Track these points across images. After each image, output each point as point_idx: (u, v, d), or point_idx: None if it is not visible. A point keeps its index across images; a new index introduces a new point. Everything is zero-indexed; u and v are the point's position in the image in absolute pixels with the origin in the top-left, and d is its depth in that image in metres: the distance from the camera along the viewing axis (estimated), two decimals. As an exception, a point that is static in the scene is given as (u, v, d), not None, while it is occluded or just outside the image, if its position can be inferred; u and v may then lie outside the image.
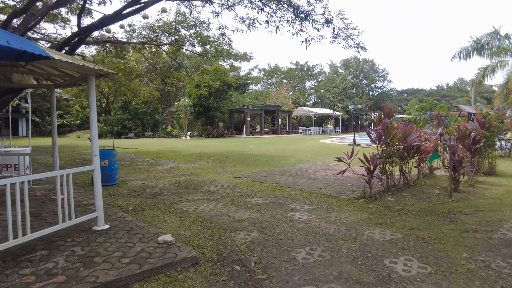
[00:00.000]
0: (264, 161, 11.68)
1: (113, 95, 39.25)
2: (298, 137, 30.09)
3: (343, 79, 48.93)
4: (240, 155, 13.89)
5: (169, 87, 34.82)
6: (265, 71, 47.87)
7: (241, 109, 32.70)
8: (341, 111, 45.18)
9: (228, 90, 31.47)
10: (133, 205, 5.49)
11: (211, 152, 15.18)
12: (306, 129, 40.73)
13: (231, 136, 32.12)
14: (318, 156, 12.99)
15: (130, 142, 26.07)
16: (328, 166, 10.06)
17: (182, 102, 29.91)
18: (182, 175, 8.70)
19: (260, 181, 7.48)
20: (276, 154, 13.96)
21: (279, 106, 36.25)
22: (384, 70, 64.12)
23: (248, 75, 42.46)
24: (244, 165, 10.65)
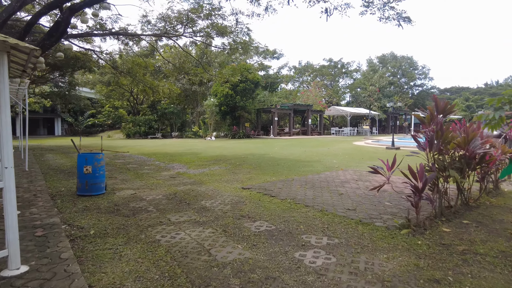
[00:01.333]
0: (285, 166, 10.18)
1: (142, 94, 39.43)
2: (330, 139, 28.15)
3: (380, 77, 45.96)
4: (260, 158, 12.48)
5: (197, 87, 34.19)
6: (296, 69, 46.04)
7: (269, 109, 31.28)
8: (378, 111, 42.39)
9: (255, 88, 30.17)
10: (98, 228, 4.26)
11: (229, 155, 13.90)
12: (339, 130, 38.51)
13: (257, 137, 30.80)
14: (350, 162, 11.26)
15: (154, 142, 25.53)
16: (361, 175, 8.37)
17: (207, 102, 29.05)
18: (184, 184, 7.44)
19: (271, 195, 6.02)
20: (300, 159, 12.40)
21: (309, 106, 34.40)
22: (425, 66, 59.98)
23: (277, 73, 40.93)
24: (260, 171, 9.22)
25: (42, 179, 7.56)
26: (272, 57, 38.90)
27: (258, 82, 29.99)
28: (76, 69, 19.90)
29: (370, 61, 59.07)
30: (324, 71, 43.90)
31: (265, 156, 13.27)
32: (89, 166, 6.24)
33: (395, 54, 56.56)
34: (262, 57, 38.96)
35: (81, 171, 6.24)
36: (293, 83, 47.27)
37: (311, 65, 45.32)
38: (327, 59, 45.38)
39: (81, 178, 6.25)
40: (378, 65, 56.05)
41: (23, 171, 8.96)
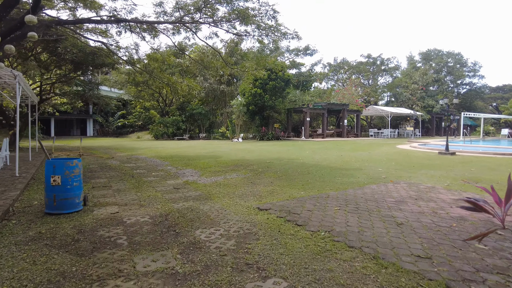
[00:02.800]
0: (317, 176, 8.33)
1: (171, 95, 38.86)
2: (368, 141, 25.67)
3: (424, 74, 42.30)
4: (288, 164, 10.69)
5: (225, 86, 32.93)
6: (331, 66, 43.45)
7: (300, 108, 29.27)
8: (421, 111, 38.93)
9: (286, 87, 28.31)
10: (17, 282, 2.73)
11: (253, 159, 12.23)
12: (378, 132, 35.66)
13: (288, 138, 28.91)
14: (399, 171, 9.18)
15: (178, 144, 24.48)
16: (420, 192, 6.35)
17: (234, 101, 27.62)
18: (185, 199, 5.86)
19: (297, 223, 4.25)
20: (336, 165, 10.46)
21: (345, 105, 31.95)
22: (476, 63, 54.92)
23: (310, 71, 38.77)
24: (285, 182, 7.46)
25: (19, 189, 6.29)
26: (305, 53, 36.84)
27: (289, 80, 28.12)
28: (98, 67, 19.19)
29: (410, 58, 55.12)
30: (361, 68, 41.00)
31: (294, 162, 11.46)
32: (57, 176, 4.81)
33: (440, 50, 52.25)
34: (294, 54, 37.03)
35: (48, 182, 4.84)
36: (327, 81, 44.84)
37: (347, 61, 42.56)
38: (365, 55, 42.43)
39: (48, 191, 4.86)
40: (421, 62, 52.05)
41: (12, 177, 7.84)
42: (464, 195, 5.95)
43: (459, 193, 6.17)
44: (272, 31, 11.12)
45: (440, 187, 6.72)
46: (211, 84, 32.44)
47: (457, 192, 6.20)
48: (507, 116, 40.82)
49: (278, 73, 26.93)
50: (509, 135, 36.79)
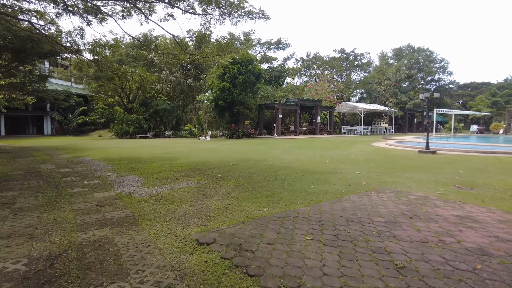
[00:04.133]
0: (287, 182, 6.95)
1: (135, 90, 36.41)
2: (342, 139, 24.79)
3: (397, 70, 42.29)
4: (254, 167, 9.26)
5: (192, 80, 31.03)
6: (303, 61, 42.43)
7: (272, 105, 27.96)
8: (394, 107, 38.77)
9: (257, 81, 26.88)
10: None
11: (215, 162, 10.71)
12: (351, 129, 35.10)
13: (259, 136, 27.54)
14: (381, 174, 7.98)
15: (138, 143, 22.47)
16: (411, 203, 5.10)
17: (201, 96, 25.85)
18: (102, 224, 4.29)
19: (248, 272, 2.80)
20: (309, 168, 9.15)
21: (318, 101, 31.01)
22: (443, 60, 56.07)
23: (282, 66, 37.56)
24: (246, 192, 6.01)
25: None
26: (277, 47, 35.53)
27: (259, 74, 26.70)
28: (42, 56, 16.87)
29: (383, 54, 55.41)
30: (334, 63, 40.26)
31: (261, 164, 10.04)
32: None
33: (412, 46, 52.79)
34: (266, 48, 35.63)
35: None
36: (300, 77, 43.77)
37: (320, 56, 41.71)
38: (338, 50, 41.68)
39: None
40: (393, 58, 52.36)
41: None
42: (466, 209, 4.75)
43: (459, 205, 4.97)
44: (234, 8, 9.58)
45: (434, 197, 5.51)
46: (177, 78, 30.46)
47: (457, 205, 5.00)
48: (476, 113, 41.64)
49: (248, 67, 25.45)
50: (477, 131, 37.43)
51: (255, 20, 9.95)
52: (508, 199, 5.53)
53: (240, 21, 9.95)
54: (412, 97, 42.06)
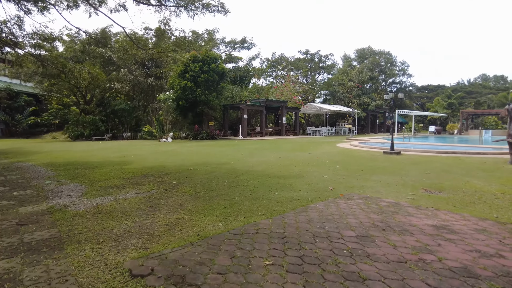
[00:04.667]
0: (249, 189, 6.35)
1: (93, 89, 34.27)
2: (308, 140, 24.68)
3: (360, 72, 43.25)
4: (215, 172, 8.58)
5: (152, 79, 29.63)
6: (269, 61, 42.19)
7: (237, 105, 27.32)
8: (357, 109, 39.56)
9: (220, 80, 26.11)
10: None
11: (172, 166, 9.90)
12: (316, 130, 35.28)
13: (224, 138, 26.79)
14: (348, 177, 7.61)
15: (92, 146, 20.94)
16: (383, 212, 4.68)
17: (161, 96, 24.64)
18: (14, 251, 3.45)
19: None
20: (274, 171, 8.62)
21: (283, 102, 30.80)
22: (404, 63, 58.36)
23: (248, 65, 37.05)
24: (202, 203, 5.34)
25: None
26: (242, 46, 34.93)
27: (223, 73, 25.94)
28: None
29: (346, 56, 56.62)
30: (299, 64, 40.39)
31: (223, 168, 9.38)
32: None
33: (373, 48, 54.39)
34: (231, 47, 34.90)
35: None
36: (266, 77, 43.55)
37: (285, 57, 41.67)
38: (303, 51, 41.90)
39: None
40: (356, 60, 53.60)
41: None
42: (440, 217, 4.40)
43: (433, 213, 4.62)
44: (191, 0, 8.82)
45: (406, 203, 5.15)
46: (137, 77, 28.95)
47: (430, 212, 4.65)
48: (434, 114, 43.54)
49: (211, 65, 24.62)
50: (435, 132, 39.12)
51: (214, 13, 9.29)
52: (477, 203, 5.30)
53: (198, 14, 9.23)
54: (375, 98, 43.18)
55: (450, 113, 45.36)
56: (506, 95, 50.69)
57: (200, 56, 24.98)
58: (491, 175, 7.92)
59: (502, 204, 5.21)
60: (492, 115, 41.93)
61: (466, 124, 41.07)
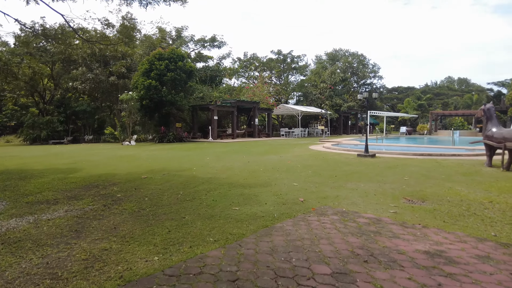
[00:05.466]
0: (206, 203, 5.39)
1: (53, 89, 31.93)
2: (280, 142, 23.97)
3: (332, 73, 43.24)
4: (171, 181, 7.54)
5: (115, 78, 27.91)
6: (241, 61, 41.24)
7: (207, 106, 26.18)
8: (330, 110, 39.42)
9: (188, 79, 24.90)
10: None
11: (124, 174, 8.76)
12: (289, 131, 34.73)
13: (193, 140, 25.57)
14: (321, 185, 6.81)
15: (45, 150, 19.19)
16: (363, 232, 3.87)
17: (123, 96, 23.11)
18: None
19: None
20: (239, 179, 7.70)
21: (256, 103, 29.97)
22: (375, 65, 59.24)
23: (218, 65, 35.94)
24: (141, 225, 4.33)
25: None
26: (212, 45, 33.74)
27: (191, 71, 24.73)
28: None
29: (318, 57, 56.81)
30: (272, 64, 39.76)
31: (182, 176, 8.34)
32: None
33: (346, 49, 54.90)
34: (200, 46, 33.61)
35: None
36: (238, 78, 42.54)
37: (257, 57, 40.90)
38: (275, 51, 41.30)
39: None
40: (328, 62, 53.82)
41: None
42: (432, 238, 3.64)
43: (421, 232, 3.86)
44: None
45: (388, 219, 4.38)
46: (97, 75, 27.13)
47: (418, 231, 3.89)
48: (405, 115, 44.26)
49: (178, 63, 23.37)
50: (406, 132, 39.67)
51: (170, 2, 8.27)
52: (467, 215, 4.62)
53: (151, 3, 8.17)
54: (347, 99, 43.32)
55: (420, 114, 46.36)
56: (471, 97, 52.64)
57: (166, 53, 23.68)
58: (472, 180, 7.40)
59: (494, 217, 4.57)
60: (459, 116, 43.15)
61: (435, 124, 42.02)
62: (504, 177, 7.84)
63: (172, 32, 33.13)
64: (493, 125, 9.63)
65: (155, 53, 23.99)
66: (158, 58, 23.43)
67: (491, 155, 9.54)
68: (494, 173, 8.43)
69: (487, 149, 9.62)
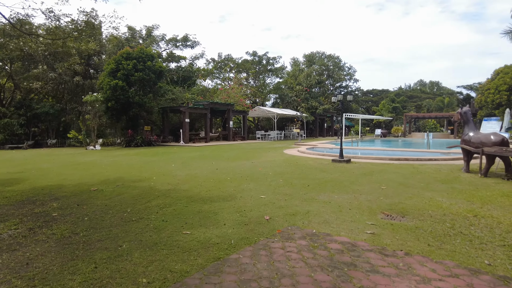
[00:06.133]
0: (152, 225, 4.56)
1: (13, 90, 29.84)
2: (255, 145, 23.27)
3: (308, 75, 43.11)
4: (121, 195, 6.65)
5: (80, 78, 26.33)
6: (215, 62, 40.25)
7: (177, 108, 25.09)
8: (306, 112, 39.17)
9: (158, 80, 23.78)
10: None
11: (72, 185, 7.76)
12: (265, 134, 34.13)
13: (163, 144, 24.43)
14: (290, 198, 6.13)
15: (2, 156, 17.62)
16: (335, 264, 3.19)
17: (88, 97, 21.69)
18: None
19: None
20: (200, 191, 6.90)
21: (230, 105, 29.15)
22: (351, 68, 59.84)
23: (191, 65, 34.87)
24: (68, 255, 3.47)
25: None
26: (185, 45, 32.61)
27: (161, 71, 23.61)
28: None
29: (295, 60, 56.75)
30: (247, 65, 39.07)
31: (137, 187, 7.45)
32: None
33: (322, 52, 55.14)
34: (172, 45, 32.42)
35: None
36: (213, 79, 41.50)
37: (232, 58, 40.07)
38: (250, 53, 40.64)
39: None
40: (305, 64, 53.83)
41: None
42: (418, 273, 3.00)
43: (404, 263, 3.22)
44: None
45: (365, 243, 3.73)
46: (61, 75, 25.48)
47: (401, 262, 3.24)
48: (380, 117, 44.72)
49: (147, 63, 22.23)
50: (381, 135, 40.02)
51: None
52: (453, 235, 4.06)
53: None
54: (322, 102, 43.28)
55: (395, 116, 47.02)
56: (442, 99, 54.03)
57: (134, 53, 22.48)
58: (452, 188, 6.95)
59: (482, 236, 4.03)
60: (432, 118, 43.98)
61: (410, 127, 42.67)
62: (484, 184, 7.46)
63: (142, 31, 31.80)
64: (470, 129, 9.33)
65: (122, 52, 22.74)
66: (125, 57, 22.21)
67: (468, 160, 9.21)
68: (473, 179, 8.06)
69: (464, 154, 9.29)
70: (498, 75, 33.72)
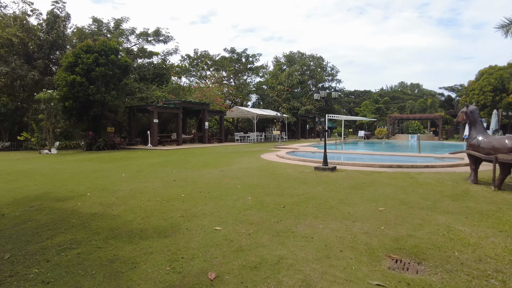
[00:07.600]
0: (43, 277, 2.75)
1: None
2: (231, 148, 21.49)
3: (289, 75, 41.65)
4: (27, 223, 4.77)
5: (36, 73, 23.82)
6: (191, 59, 38.07)
7: (145, 107, 22.96)
8: (287, 113, 37.65)
9: (123, 76, 21.64)
10: None
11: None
12: (244, 136, 32.37)
13: (128, 147, 22.26)
14: (257, 227, 4.44)
15: None
16: None
17: (41, 94, 19.35)
18: None
19: None
20: (133, 219, 5.10)
21: (205, 104, 27.22)
22: (334, 68, 58.89)
23: (164, 61, 32.71)
24: None
25: None
26: (157, 40, 30.42)
27: (127, 66, 21.45)
28: None
29: (277, 59, 55.35)
30: (225, 63, 37.18)
31: (56, 209, 5.57)
32: None
33: (303, 52, 53.97)
34: (143, 39, 30.20)
35: None
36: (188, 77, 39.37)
37: (208, 55, 38.03)
38: (228, 50, 38.70)
39: None
40: (286, 63, 52.47)
41: None
42: None
43: None
44: None
45: None
46: (15, 69, 22.92)
47: None
48: (364, 118, 43.77)
49: (110, 57, 20.10)
50: (365, 137, 39.00)
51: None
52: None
53: None
54: (304, 103, 41.95)
55: (378, 118, 46.23)
56: (424, 101, 53.79)
57: (96, 46, 20.30)
58: (468, 208, 5.44)
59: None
60: (416, 119, 43.37)
61: (393, 128, 41.90)
62: (504, 201, 5.99)
63: (110, 23, 29.46)
64: (478, 132, 7.88)
65: (82, 45, 20.51)
66: (85, 50, 20.01)
67: (476, 169, 7.77)
68: (487, 194, 6.59)
69: (471, 161, 7.84)
70: (483, 75, 33.24)
